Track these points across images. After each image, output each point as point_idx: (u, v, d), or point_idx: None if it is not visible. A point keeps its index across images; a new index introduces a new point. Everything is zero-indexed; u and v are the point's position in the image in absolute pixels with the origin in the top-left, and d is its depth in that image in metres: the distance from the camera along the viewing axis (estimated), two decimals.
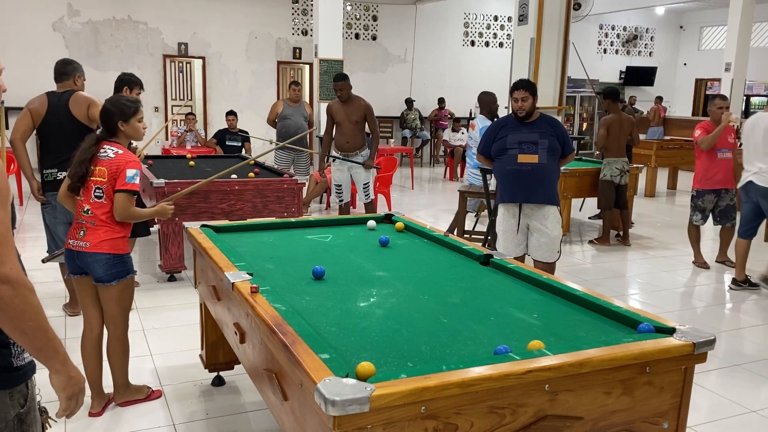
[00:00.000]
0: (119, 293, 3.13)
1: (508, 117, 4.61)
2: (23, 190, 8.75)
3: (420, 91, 14.71)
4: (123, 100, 3.15)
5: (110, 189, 3.05)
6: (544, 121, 4.54)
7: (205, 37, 12.80)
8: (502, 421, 1.71)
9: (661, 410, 1.95)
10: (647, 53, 17.47)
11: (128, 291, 3.19)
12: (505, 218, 4.61)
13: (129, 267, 3.16)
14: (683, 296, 5.58)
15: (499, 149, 4.51)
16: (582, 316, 2.28)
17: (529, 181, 4.43)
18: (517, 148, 4.43)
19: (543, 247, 4.52)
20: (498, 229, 4.68)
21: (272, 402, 2.14)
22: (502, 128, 4.55)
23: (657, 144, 10.86)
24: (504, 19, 15.49)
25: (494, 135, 4.56)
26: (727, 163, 6.09)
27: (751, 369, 3.97)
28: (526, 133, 4.45)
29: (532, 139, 4.42)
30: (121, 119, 3.11)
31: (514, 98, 4.44)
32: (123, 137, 3.17)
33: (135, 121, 3.15)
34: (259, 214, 5.30)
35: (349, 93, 6.56)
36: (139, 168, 3.08)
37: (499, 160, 4.52)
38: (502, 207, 4.61)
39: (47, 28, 11.69)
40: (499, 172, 4.57)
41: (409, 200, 10.09)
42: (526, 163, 4.40)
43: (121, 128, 3.12)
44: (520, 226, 4.55)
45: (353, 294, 2.46)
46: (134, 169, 3.05)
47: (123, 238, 3.14)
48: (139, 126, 3.18)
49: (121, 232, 3.12)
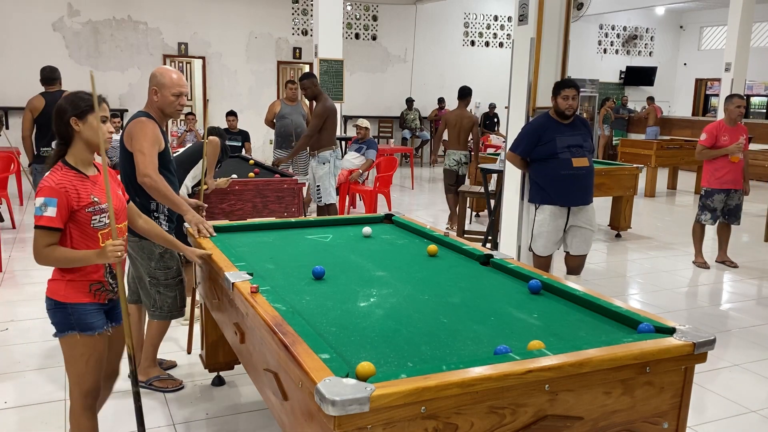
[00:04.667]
0: (65, 353, 2.43)
1: (546, 117, 4.54)
2: (23, 190, 8.75)
3: (420, 91, 14.71)
4: (81, 93, 2.37)
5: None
6: (579, 121, 4.61)
7: (205, 37, 12.79)
8: (502, 421, 1.71)
9: (661, 410, 1.95)
10: (647, 53, 17.46)
11: (76, 354, 2.39)
12: (551, 220, 4.57)
13: (72, 321, 2.36)
14: (683, 296, 5.58)
15: (546, 153, 4.45)
16: (582, 316, 2.28)
17: (585, 184, 4.54)
18: (568, 152, 4.43)
19: (586, 242, 4.66)
20: (538, 231, 4.63)
21: (272, 402, 2.14)
22: (545, 130, 4.47)
23: (657, 144, 10.85)
24: (504, 19, 15.49)
25: (538, 137, 4.47)
26: (737, 163, 6.05)
27: (751, 369, 3.97)
28: (570, 135, 4.47)
29: (578, 142, 4.49)
30: (73, 115, 2.31)
31: (563, 96, 4.41)
32: (80, 145, 2.35)
33: (94, 119, 2.30)
34: (259, 214, 5.30)
35: (314, 92, 6.46)
36: (50, 194, 2.24)
37: (549, 164, 4.46)
38: (550, 209, 4.55)
39: (47, 28, 11.68)
40: (549, 175, 4.49)
41: (409, 200, 10.09)
42: (581, 167, 4.46)
43: (75, 128, 2.31)
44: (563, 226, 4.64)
45: (353, 294, 2.46)
46: (41, 198, 2.24)
47: (65, 282, 2.36)
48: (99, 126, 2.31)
49: (64, 275, 2.37)
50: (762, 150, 12.74)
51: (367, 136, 8.30)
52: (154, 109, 3.33)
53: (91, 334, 2.38)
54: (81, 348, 2.39)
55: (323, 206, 6.63)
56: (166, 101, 3.29)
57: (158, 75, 3.31)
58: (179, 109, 3.34)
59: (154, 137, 3.22)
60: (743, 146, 5.99)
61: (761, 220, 8.09)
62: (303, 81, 6.50)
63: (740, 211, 6.22)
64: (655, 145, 10.74)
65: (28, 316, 4.52)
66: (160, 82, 3.28)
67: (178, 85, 3.28)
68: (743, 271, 6.23)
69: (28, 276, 5.46)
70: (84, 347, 2.39)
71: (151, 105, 3.33)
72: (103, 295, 2.43)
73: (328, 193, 6.58)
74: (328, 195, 6.58)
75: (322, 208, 6.66)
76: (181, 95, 3.30)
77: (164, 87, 3.28)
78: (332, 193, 6.64)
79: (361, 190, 8.23)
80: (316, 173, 6.53)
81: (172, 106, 3.29)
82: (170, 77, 3.28)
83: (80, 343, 2.38)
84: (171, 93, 3.27)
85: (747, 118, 14.68)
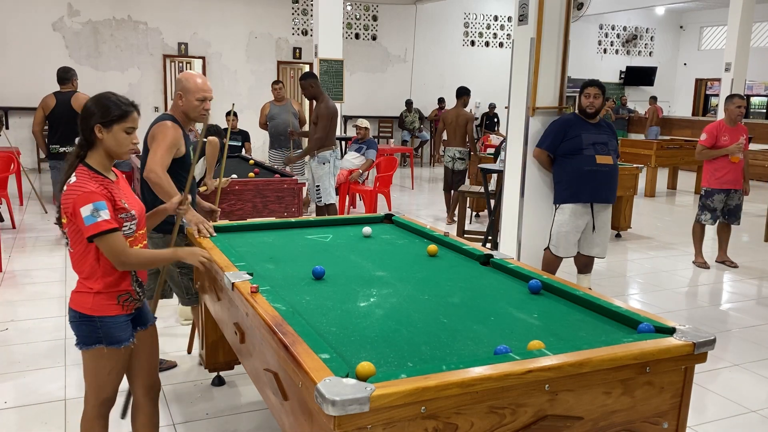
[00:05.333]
0: (86, 364, 2.35)
1: (574, 116, 4.72)
2: (23, 190, 8.75)
3: (420, 91, 14.72)
4: (113, 98, 2.28)
5: (73, 233, 2.25)
6: (605, 123, 4.76)
7: (205, 37, 12.80)
8: (502, 421, 1.71)
9: (661, 410, 1.95)
10: (647, 53, 17.47)
11: (99, 366, 2.33)
12: (573, 218, 4.63)
13: (99, 334, 2.28)
14: (683, 296, 5.58)
15: (572, 149, 4.58)
16: (582, 316, 2.28)
17: (608, 182, 4.62)
18: (592, 149, 4.56)
19: (602, 243, 4.76)
20: (560, 231, 4.67)
21: (272, 402, 2.14)
22: (571, 127, 4.62)
23: (657, 144, 10.86)
24: (504, 19, 15.49)
25: (564, 133, 4.61)
26: (737, 163, 6.05)
27: (751, 369, 3.97)
28: (595, 134, 4.61)
29: (603, 140, 4.63)
30: (99, 122, 2.22)
31: (585, 94, 4.63)
32: (101, 151, 2.27)
33: (120, 130, 2.24)
34: (259, 214, 5.30)
35: (313, 92, 6.47)
36: (96, 198, 2.16)
37: (572, 160, 4.58)
38: (571, 207, 4.62)
39: (47, 28, 11.69)
40: (572, 171, 4.60)
41: (409, 200, 10.09)
42: (605, 164, 4.57)
43: (98, 135, 2.23)
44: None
45: (353, 294, 2.46)
46: (88, 205, 2.15)
47: (92, 294, 2.27)
48: (124, 138, 2.25)
49: (91, 287, 2.28)
50: (762, 150, 12.75)
51: (367, 136, 8.30)
52: (179, 113, 3.41)
53: (117, 347, 2.32)
54: (105, 361, 2.32)
55: (323, 206, 6.63)
56: (191, 105, 3.37)
57: (183, 80, 3.38)
58: (203, 114, 3.41)
59: (171, 141, 3.28)
60: (743, 146, 5.99)
61: (761, 220, 8.10)
62: (302, 81, 6.51)
63: (740, 211, 6.21)
64: (655, 145, 10.74)
65: (28, 316, 4.52)
66: (185, 86, 3.36)
67: (202, 90, 3.36)
68: (743, 271, 6.23)
69: (28, 276, 5.46)
70: (109, 360, 2.32)
71: (176, 108, 3.42)
72: (131, 305, 2.36)
73: (327, 193, 6.57)
74: (328, 195, 6.58)
75: (321, 208, 6.66)
76: (205, 100, 3.37)
77: (188, 92, 3.35)
78: (332, 193, 6.63)
79: (361, 190, 8.23)
80: (316, 173, 6.53)
81: (197, 110, 3.37)
82: (195, 82, 3.36)
83: (106, 357, 2.31)
84: (195, 98, 3.34)
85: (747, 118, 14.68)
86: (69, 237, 2.28)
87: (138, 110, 2.34)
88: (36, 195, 8.53)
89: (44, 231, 7.09)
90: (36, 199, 8.51)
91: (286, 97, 8.20)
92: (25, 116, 11.68)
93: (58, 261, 5.91)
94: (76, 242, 2.26)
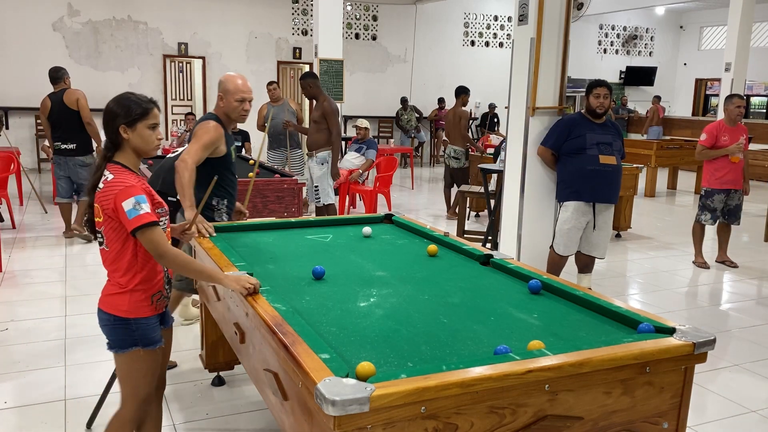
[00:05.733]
0: (122, 367, 2.36)
1: (579, 115, 4.74)
2: (23, 190, 8.76)
3: (420, 91, 14.71)
4: (133, 97, 2.33)
5: (110, 231, 2.26)
6: (611, 123, 4.77)
7: (205, 37, 12.80)
8: (502, 421, 1.71)
9: (661, 410, 1.95)
10: (647, 53, 17.47)
11: (135, 368, 2.34)
12: (574, 216, 4.66)
13: (136, 337, 2.30)
14: (683, 296, 5.58)
15: (575, 147, 4.60)
16: (582, 316, 2.28)
17: (611, 182, 4.63)
18: (596, 148, 4.57)
19: (602, 243, 4.76)
20: (560, 228, 4.73)
21: (272, 402, 2.14)
22: (576, 126, 4.64)
23: (657, 144, 10.86)
24: (504, 19, 15.49)
25: (568, 132, 4.63)
26: (737, 163, 6.04)
27: (751, 369, 3.97)
28: (601, 134, 4.63)
29: (608, 141, 4.64)
30: (123, 122, 2.27)
31: (595, 95, 4.65)
32: (129, 151, 2.31)
33: (144, 128, 2.28)
34: (259, 214, 5.30)
35: (313, 92, 6.47)
36: (137, 191, 2.21)
37: (576, 159, 4.60)
38: (574, 205, 4.66)
39: (47, 28, 11.69)
40: (574, 170, 4.63)
41: (409, 200, 10.09)
42: (608, 164, 4.59)
43: (124, 135, 2.27)
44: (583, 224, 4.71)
45: (353, 294, 2.46)
46: (131, 198, 2.18)
47: (128, 295, 2.28)
48: (149, 135, 2.30)
49: (125, 287, 2.28)
50: (762, 150, 12.75)
51: (367, 136, 8.30)
52: (221, 113, 3.54)
53: (153, 348, 2.34)
54: (142, 363, 2.33)
55: (322, 207, 6.63)
56: (231, 106, 3.50)
57: (224, 81, 3.52)
58: (243, 114, 3.53)
59: (209, 140, 3.42)
60: (743, 146, 5.99)
61: (761, 220, 8.10)
62: (302, 81, 6.52)
63: (740, 211, 6.21)
64: (655, 145, 10.74)
65: (28, 316, 4.52)
66: (226, 88, 3.49)
67: (241, 91, 3.48)
68: (743, 271, 6.23)
69: (28, 276, 5.46)
70: (145, 362, 2.34)
71: (219, 109, 3.56)
72: (162, 304, 2.39)
73: (326, 193, 6.57)
74: (327, 195, 6.58)
75: (321, 208, 6.65)
76: (244, 101, 3.50)
77: (228, 93, 3.48)
78: (330, 193, 6.63)
79: (361, 190, 8.23)
80: (315, 174, 6.53)
81: (236, 111, 3.50)
82: (235, 84, 3.49)
83: (143, 358, 2.32)
84: (234, 99, 3.47)
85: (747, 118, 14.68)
86: (105, 235, 2.27)
87: (158, 106, 2.38)
88: (36, 195, 8.54)
89: (44, 231, 7.09)
90: (36, 199, 8.51)
91: (282, 96, 8.21)
92: (25, 116, 11.69)
93: (58, 261, 5.91)
94: (113, 240, 2.27)
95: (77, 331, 4.24)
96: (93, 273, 5.54)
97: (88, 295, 4.94)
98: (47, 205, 8.28)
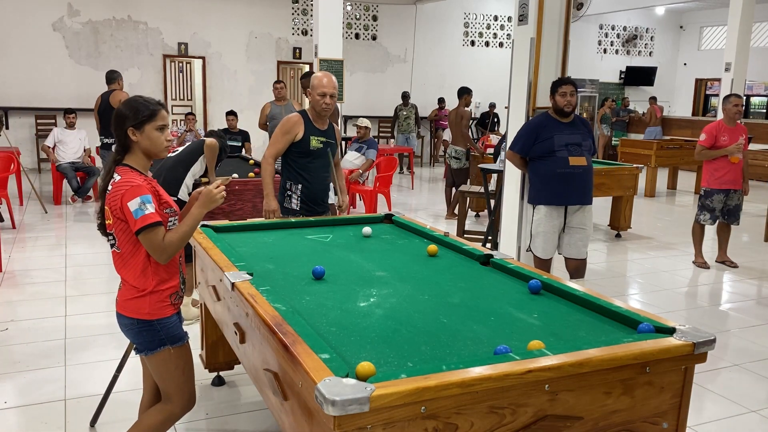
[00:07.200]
0: (156, 368, 2.39)
1: (545, 116, 4.55)
2: (23, 190, 8.76)
3: (420, 91, 14.71)
4: (141, 99, 2.33)
5: (120, 232, 2.27)
6: (579, 121, 4.58)
7: (205, 37, 12.80)
8: (502, 421, 1.71)
9: (661, 410, 1.95)
10: (647, 53, 17.47)
11: (170, 367, 2.38)
12: (548, 219, 4.55)
13: (162, 337, 2.34)
14: (683, 296, 5.58)
15: (545, 150, 4.45)
16: (582, 316, 2.28)
17: (582, 184, 4.49)
18: (565, 150, 4.41)
19: (580, 243, 4.60)
20: (536, 231, 4.61)
21: (272, 402, 2.14)
22: (543, 128, 4.47)
23: (657, 144, 10.86)
24: (504, 19, 15.49)
25: (536, 135, 4.48)
26: (737, 163, 6.03)
27: (751, 369, 3.97)
28: (569, 134, 4.45)
29: (577, 141, 4.46)
30: (132, 125, 2.27)
31: (561, 93, 4.42)
32: (138, 153, 2.32)
33: (152, 129, 2.29)
34: (259, 214, 5.29)
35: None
36: (142, 192, 2.21)
37: (545, 162, 4.46)
38: (546, 209, 4.54)
39: (47, 28, 11.68)
40: (545, 174, 4.48)
41: (409, 200, 10.09)
42: (578, 166, 4.44)
43: (132, 137, 2.28)
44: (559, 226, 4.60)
45: (353, 294, 2.46)
46: (136, 198, 2.19)
47: (147, 298, 2.30)
48: (157, 136, 2.31)
49: (143, 290, 2.30)
50: (762, 150, 12.75)
51: (368, 136, 8.29)
52: (310, 108, 3.96)
53: (181, 344, 2.40)
54: (175, 360, 2.38)
55: None
56: (314, 100, 3.88)
57: (311, 78, 3.91)
58: (325, 108, 3.88)
59: (284, 128, 3.91)
60: (743, 146, 5.99)
61: (761, 220, 8.10)
62: (302, 80, 6.52)
63: (740, 211, 6.21)
64: (655, 145, 10.74)
65: (28, 316, 4.52)
66: (312, 83, 3.89)
67: (321, 86, 3.84)
68: (743, 271, 6.23)
69: (28, 276, 5.46)
70: (178, 359, 2.39)
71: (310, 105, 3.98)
72: (179, 302, 2.42)
73: None
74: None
75: None
76: (324, 95, 3.84)
77: (313, 88, 3.87)
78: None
79: (361, 190, 8.23)
80: None
81: (319, 104, 3.86)
82: (318, 80, 3.86)
83: (174, 356, 2.37)
84: (317, 93, 3.84)
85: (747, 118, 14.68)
86: (116, 237, 2.28)
87: (166, 108, 2.38)
88: (36, 195, 8.54)
89: (44, 231, 7.09)
90: (36, 199, 8.51)
91: (287, 97, 8.19)
92: (25, 116, 11.69)
93: (58, 261, 5.91)
94: (125, 242, 2.28)
95: (77, 331, 4.25)
96: (93, 273, 5.54)
97: (88, 295, 4.94)
98: (47, 205, 8.28)
